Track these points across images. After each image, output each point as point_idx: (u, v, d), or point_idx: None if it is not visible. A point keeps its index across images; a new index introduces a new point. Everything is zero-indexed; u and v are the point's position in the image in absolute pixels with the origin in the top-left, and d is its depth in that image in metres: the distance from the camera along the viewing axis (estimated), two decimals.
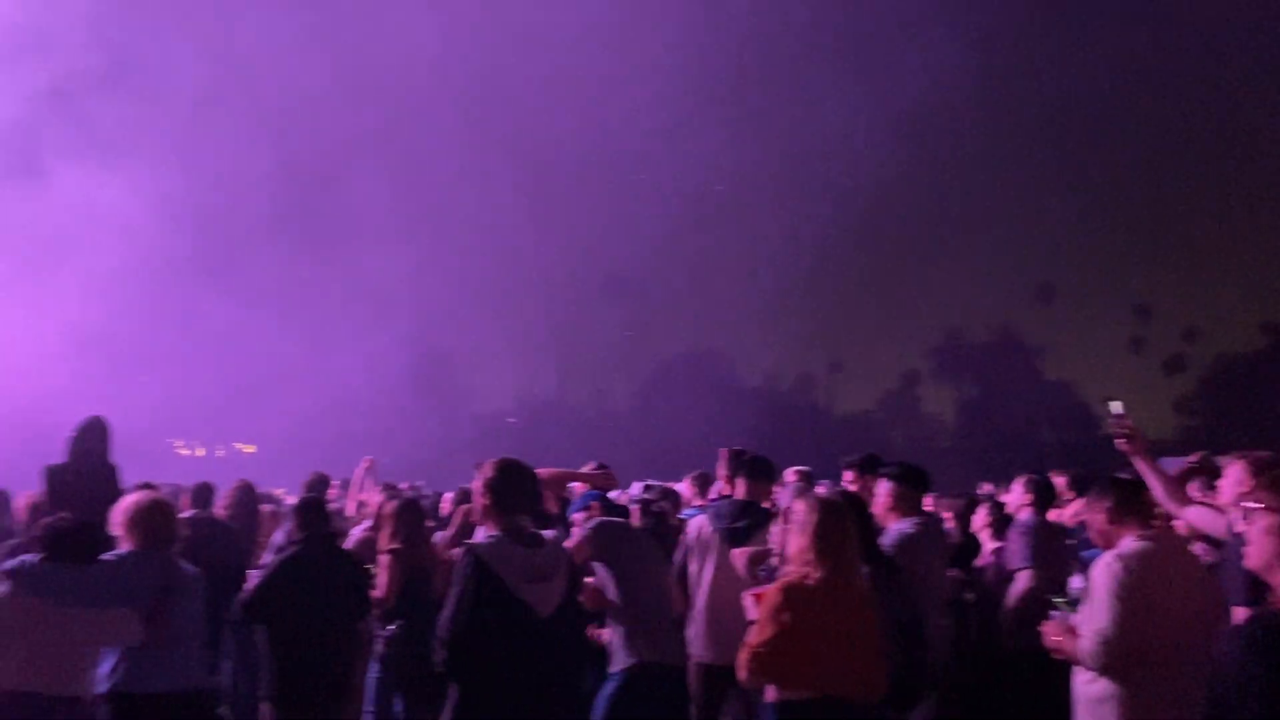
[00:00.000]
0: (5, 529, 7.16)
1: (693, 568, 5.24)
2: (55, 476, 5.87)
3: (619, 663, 4.82)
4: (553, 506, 5.66)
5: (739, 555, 4.83)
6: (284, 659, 4.89)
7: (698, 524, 5.36)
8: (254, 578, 5.17)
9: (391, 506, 5.86)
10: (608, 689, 4.81)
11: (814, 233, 53.41)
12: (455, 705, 3.77)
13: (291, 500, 9.20)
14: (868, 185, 50.09)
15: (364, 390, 30.25)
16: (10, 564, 4.26)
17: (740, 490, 5.39)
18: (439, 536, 7.05)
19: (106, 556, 4.39)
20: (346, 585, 5.07)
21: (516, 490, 3.94)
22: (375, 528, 6.03)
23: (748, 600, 4.05)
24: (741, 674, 3.77)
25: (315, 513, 5.22)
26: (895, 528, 4.82)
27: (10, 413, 19.09)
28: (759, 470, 5.46)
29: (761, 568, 4.60)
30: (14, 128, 24.42)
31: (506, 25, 35.34)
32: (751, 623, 3.87)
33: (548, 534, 4.09)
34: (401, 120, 36.90)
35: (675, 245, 49.76)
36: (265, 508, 7.89)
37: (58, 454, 6.05)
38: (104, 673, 4.36)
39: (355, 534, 6.45)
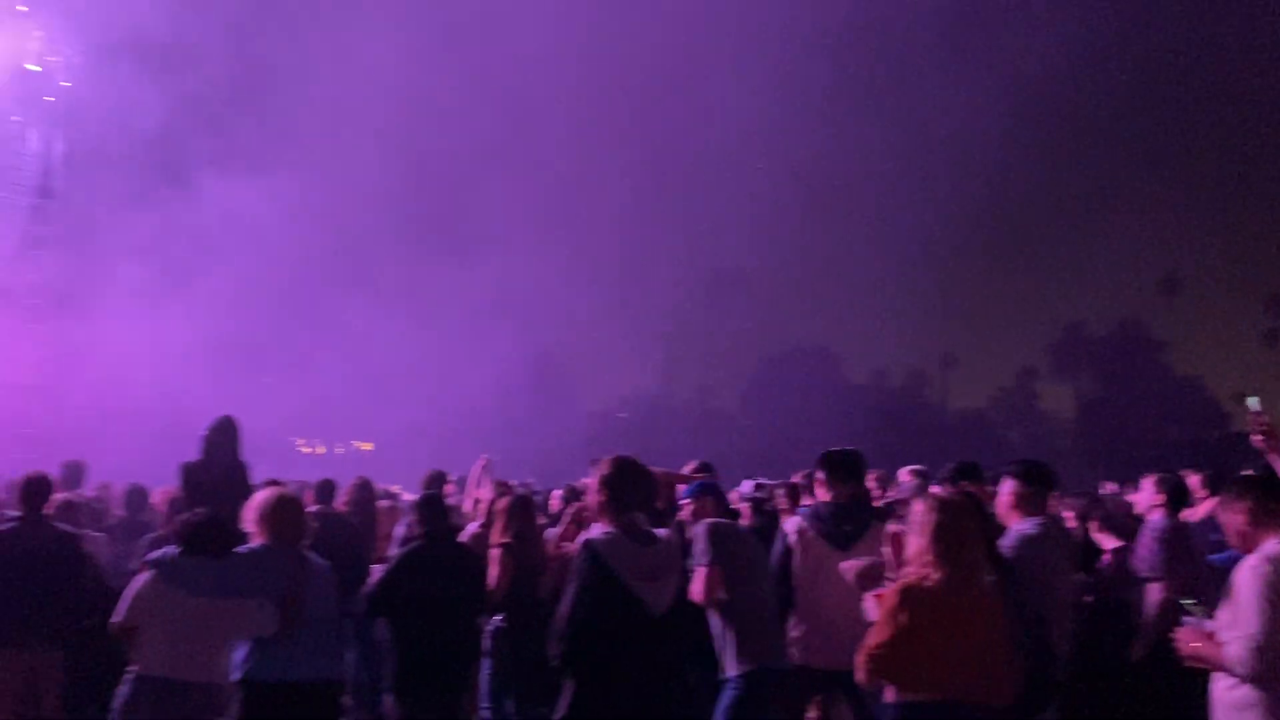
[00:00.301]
0: (144, 523, 7.55)
1: (797, 570, 5.10)
2: (190, 473, 6.16)
3: (733, 669, 4.75)
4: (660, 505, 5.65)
5: (848, 569, 4.69)
6: (406, 651, 5.01)
7: (796, 525, 5.18)
8: (377, 572, 5.30)
9: (503, 502, 5.94)
10: (727, 698, 4.73)
11: (927, 225, 52.21)
12: (570, 699, 3.83)
13: (408, 497, 9.46)
14: (983, 175, 48.69)
15: (478, 389, 30.90)
16: (152, 556, 4.48)
17: (821, 491, 5.19)
18: (550, 533, 7.15)
19: (240, 549, 4.57)
20: (466, 580, 5.16)
21: (632, 488, 4.00)
22: (487, 524, 6.14)
23: (869, 601, 3.98)
24: (860, 674, 3.71)
25: (435, 509, 5.34)
26: (1016, 528, 4.65)
27: (150, 412, 20.26)
28: (838, 467, 5.18)
29: (874, 585, 4.46)
30: (161, 138, 25.82)
31: (622, 25, 35.57)
32: (869, 625, 3.80)
33: (661, 533, 4.11)
34: (524, 125, 37.43)
35: (783, 240, 49.27)
36: (382, 503, 8.10)
37: (193, 452, 6.33)
38: (238, 661, 4.54)
39: (470, 530, 6.57)
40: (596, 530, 3.96)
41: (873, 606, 3.89)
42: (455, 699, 5.14)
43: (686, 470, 5.99)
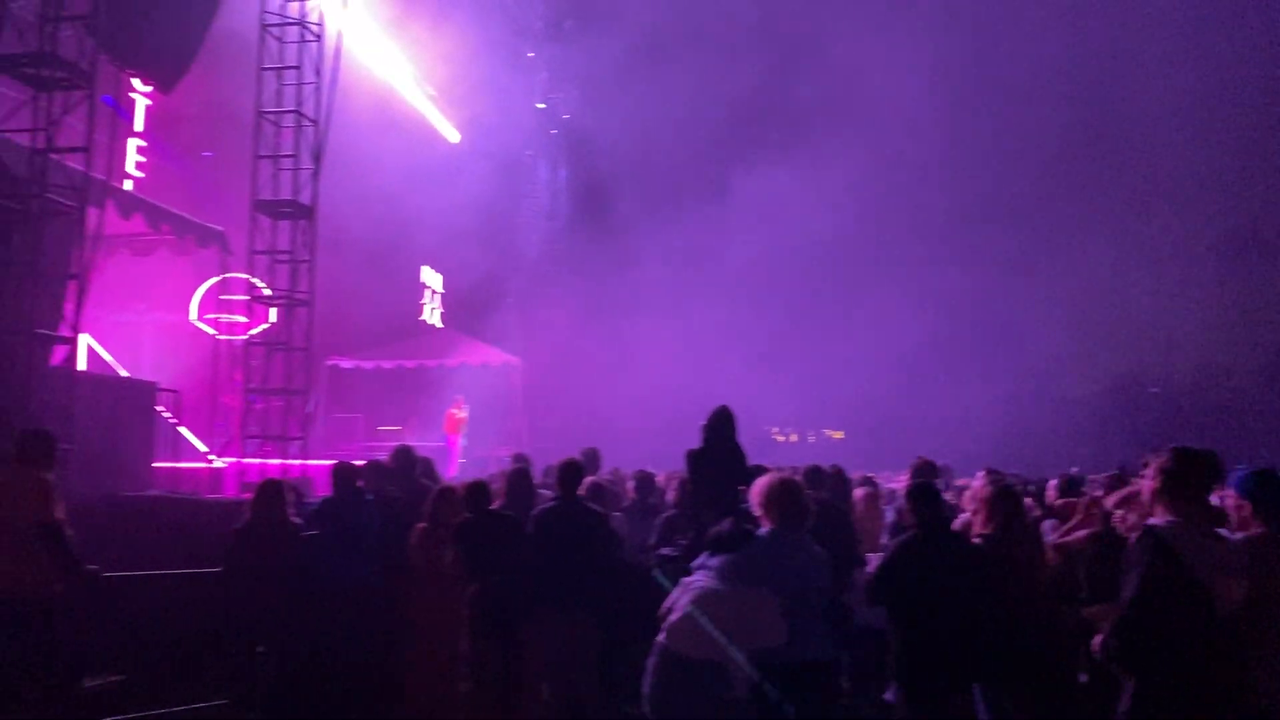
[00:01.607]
0: (653, 505, 8.31)
1: None
2: (694, 459, 6.66)
3: None
4: None
5: None
6: (907, 641, 5.01)
7: None
8: (874, 560, 5.37)
9: (987, 492, 5.77)
10: None
11: None
12: (1131, 699, 3.66)
13: (889, 484, 9.47)
14: None
15: (959, 374, 30.16)
16: (697, 562, 4.90)
17: None
18: (1047, 525, 6.77)
19: (754, 540, 4.85)
20: (965, 570, 5.05)
21: (1193, 480, 3.75)
22: (975, 512, 5.99)
23: None
24: None
25: (928, 497, 5.28)
26: None
27: (658, 403, 22.52)
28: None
29: None
30: (696, 136, 28.33)
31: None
32: None
33: (1223, 531, 3.83)
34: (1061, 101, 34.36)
35: None
36: (859, 491, 8.16)
37: (695, 440, 6.83)
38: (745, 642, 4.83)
39: (961, 519, 6.45)
40: (1158, 519, 3.73)
41: None
42: (961, 691, 5.04)
43: None
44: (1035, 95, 32.18)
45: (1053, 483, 7.80)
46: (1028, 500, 7.83)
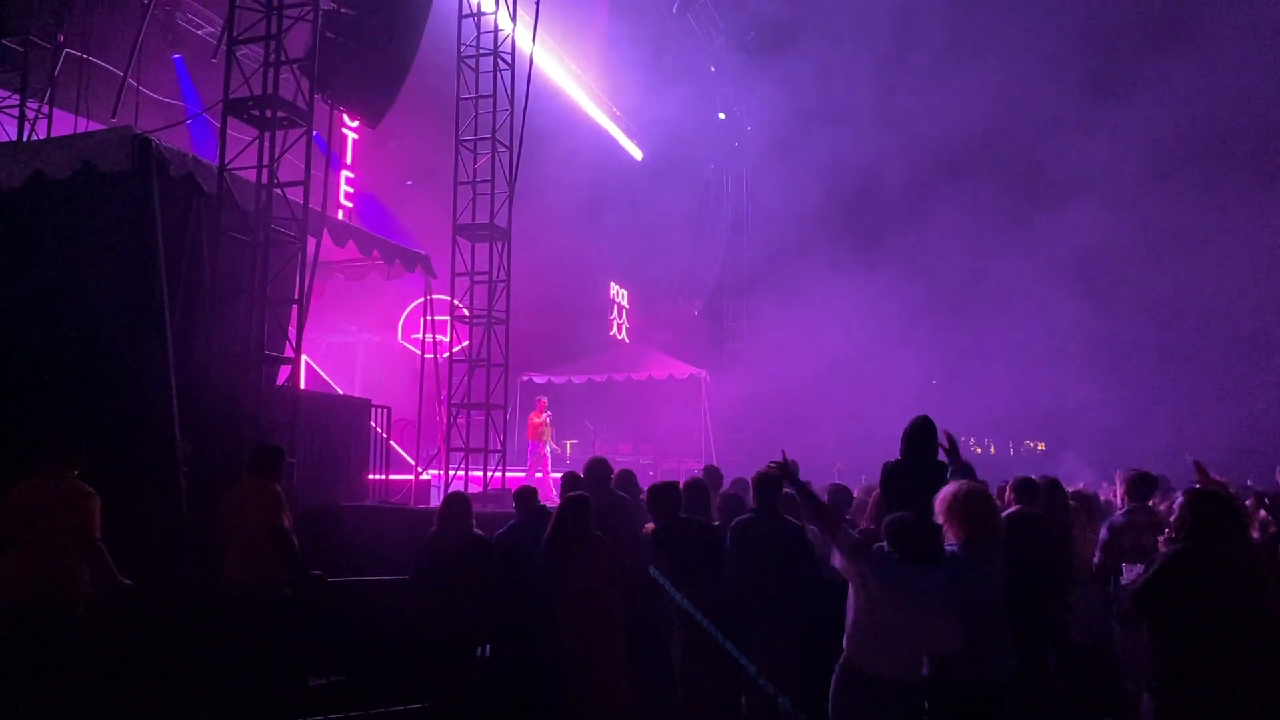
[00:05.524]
0: (849, 520, 8.14)
1: None
2: (890, 472, 6.45)
3: None
4: None
5: None
6: (1169, 660, 4.62)
7: None
8: (1132, 571, 5.05)
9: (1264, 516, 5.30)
10: None
11: None
12: None
13: (1106, 494, 8.91)
14: None
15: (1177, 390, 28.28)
16: (872, 549, 4.75)
17: None
18: None
19: (945, 557, 4.65)
20: (1245, 588, 4.58)
21: None
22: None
23: None
24: None
25: (1210, 508, 4.80)
26: None
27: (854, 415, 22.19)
28: None
29: None
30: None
31: None
32: None
33: None
34: None
35: None
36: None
37: (894, 452, 6.62)
38: (926, 660, 4.64)
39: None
40: None
41: None
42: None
43: None
44: None
45: None
46: (1262, 513, 7.19)
